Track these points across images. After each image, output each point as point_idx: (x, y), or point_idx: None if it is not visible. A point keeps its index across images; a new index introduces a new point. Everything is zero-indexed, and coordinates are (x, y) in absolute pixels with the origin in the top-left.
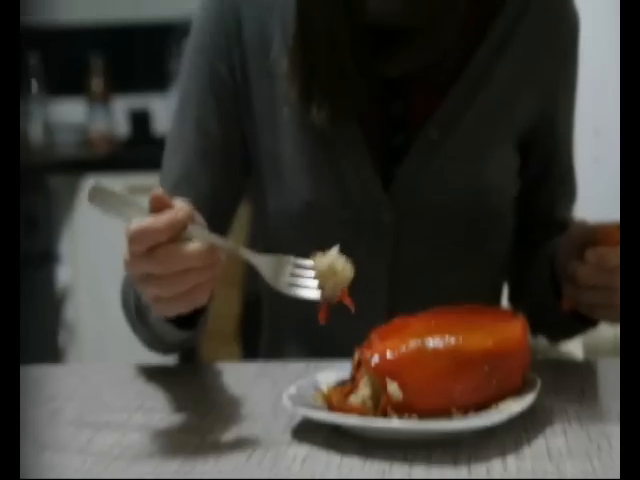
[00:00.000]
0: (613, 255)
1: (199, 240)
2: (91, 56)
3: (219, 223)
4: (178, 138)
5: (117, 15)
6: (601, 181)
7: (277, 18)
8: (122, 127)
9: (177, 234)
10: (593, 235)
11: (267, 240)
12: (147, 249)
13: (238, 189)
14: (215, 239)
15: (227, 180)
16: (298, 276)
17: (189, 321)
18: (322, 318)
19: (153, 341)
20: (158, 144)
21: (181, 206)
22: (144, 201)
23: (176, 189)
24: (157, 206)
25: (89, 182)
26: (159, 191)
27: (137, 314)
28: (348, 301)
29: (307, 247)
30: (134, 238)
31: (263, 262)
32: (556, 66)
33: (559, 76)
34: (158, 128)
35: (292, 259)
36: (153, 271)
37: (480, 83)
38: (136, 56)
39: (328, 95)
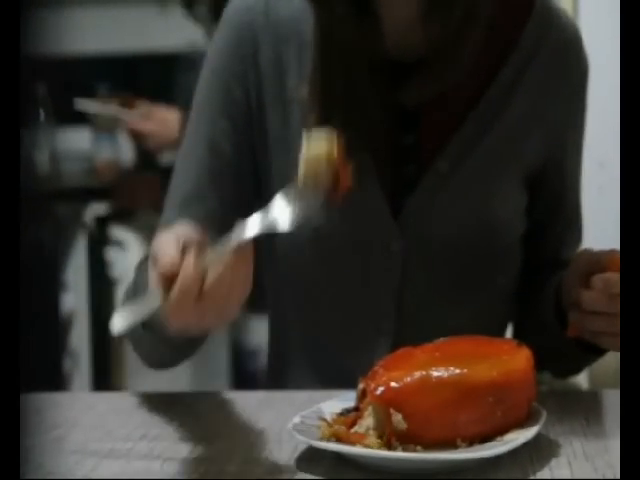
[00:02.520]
0: (618, 281)
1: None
2: (97, 86)
3: None
4: (190, 156)
5: (123, 45)
6: (606, 211)
7: (293, 47)
8: (127, 156)
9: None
10: (599, 262)
11: (275, 265)
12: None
13: (248, 210)
14: (227, 246)
15: (237, 200)
16: None
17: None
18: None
19: (159, 346)
20: (163, 173)
21: (183, 234)
22: None
23: (186, 206)
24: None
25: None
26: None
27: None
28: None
29: (315, 273)
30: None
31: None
32: (565, 109)
33: (567, 119)
34: (163, 157)
35: None
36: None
37: (491, 120)
38: (141, 85)
39: (346, 123)
